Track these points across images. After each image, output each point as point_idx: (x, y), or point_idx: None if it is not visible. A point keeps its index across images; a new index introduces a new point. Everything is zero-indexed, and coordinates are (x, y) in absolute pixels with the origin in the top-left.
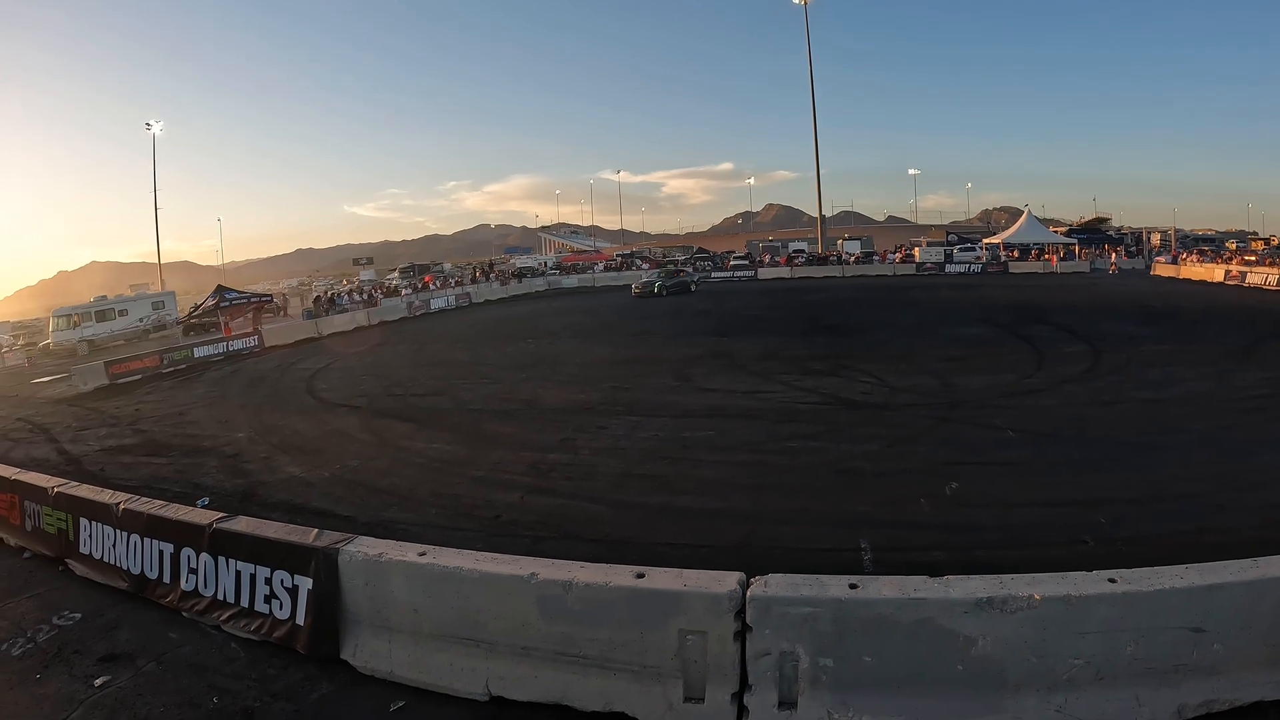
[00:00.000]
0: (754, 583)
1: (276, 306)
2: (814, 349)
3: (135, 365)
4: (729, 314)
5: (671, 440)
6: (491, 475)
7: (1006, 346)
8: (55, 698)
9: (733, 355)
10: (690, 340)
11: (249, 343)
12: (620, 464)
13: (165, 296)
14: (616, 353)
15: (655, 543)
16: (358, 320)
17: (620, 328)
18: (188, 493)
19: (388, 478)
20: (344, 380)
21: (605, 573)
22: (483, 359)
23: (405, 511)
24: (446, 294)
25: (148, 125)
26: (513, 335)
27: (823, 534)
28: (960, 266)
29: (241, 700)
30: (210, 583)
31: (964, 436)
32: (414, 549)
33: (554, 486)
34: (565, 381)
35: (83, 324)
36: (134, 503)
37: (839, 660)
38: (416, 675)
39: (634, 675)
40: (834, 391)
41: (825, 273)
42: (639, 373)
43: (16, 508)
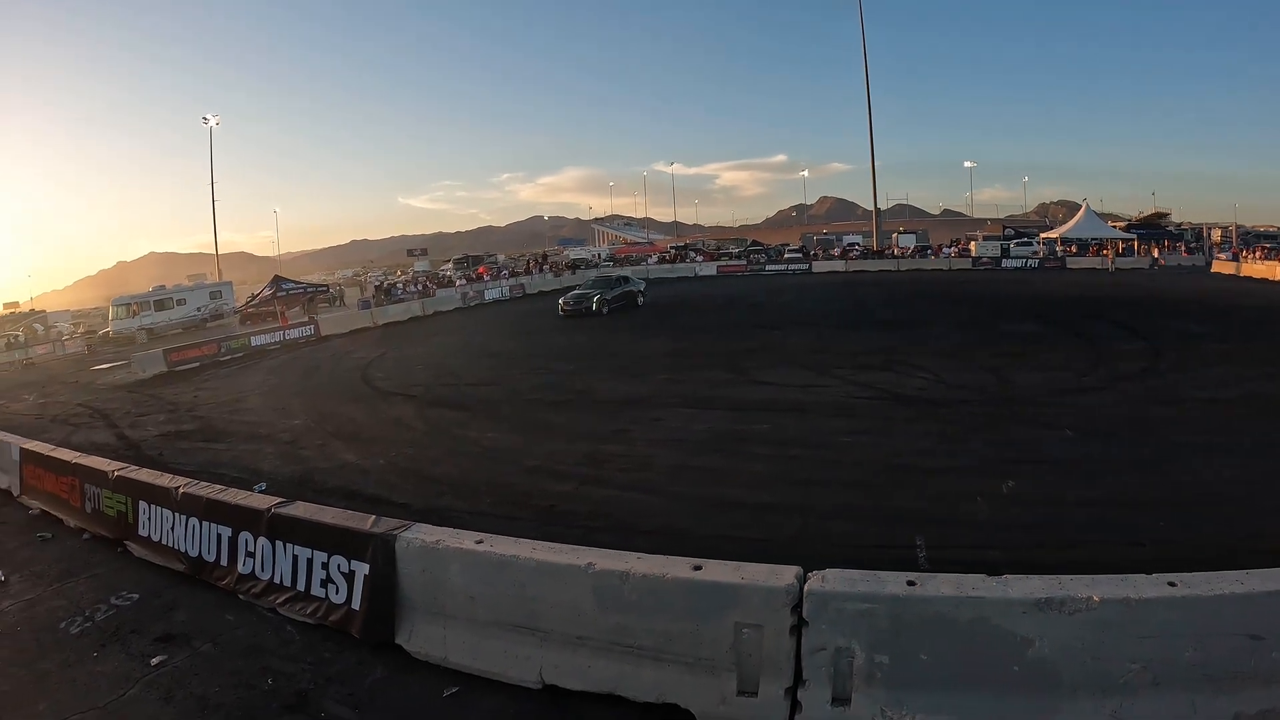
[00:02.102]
0: (811, 577)
1: (332, 296)
2: (868, 343)
3: (193, 353)
4: (783, 307)
5: (726, 433)
6: (545, 465)
7: (1063, 343)
8: (112, 675)
9: (787, 349)
10: (744, 333)
11: (305, 332)
12: (674, 456)
13: (223, 286)
14: (670, 344)
15: (709, 535)
16: (412, 310)
17: (673, 319)
18: (245, 478)
19: (442, 466)
20: (399, 369)
21: (663, 564)
22: (536, 350)
23: (459, 499)
24: (500, 285)
25: (205, 119)
26: (566, 326)
27: (877, 530)
28: (1017, 261)
29: (296, 683)
30: (267, 566)
31: (1020, 434)
32: (471, 536)
33: (608, 477)
34: (618, 372)
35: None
36: (193, 487)
37: (894, 657)
38: (470, 662)
39: (688, 667)
40: (888, 386)
41: (880, 267)
42: (693, 364)
43: (77, 490)
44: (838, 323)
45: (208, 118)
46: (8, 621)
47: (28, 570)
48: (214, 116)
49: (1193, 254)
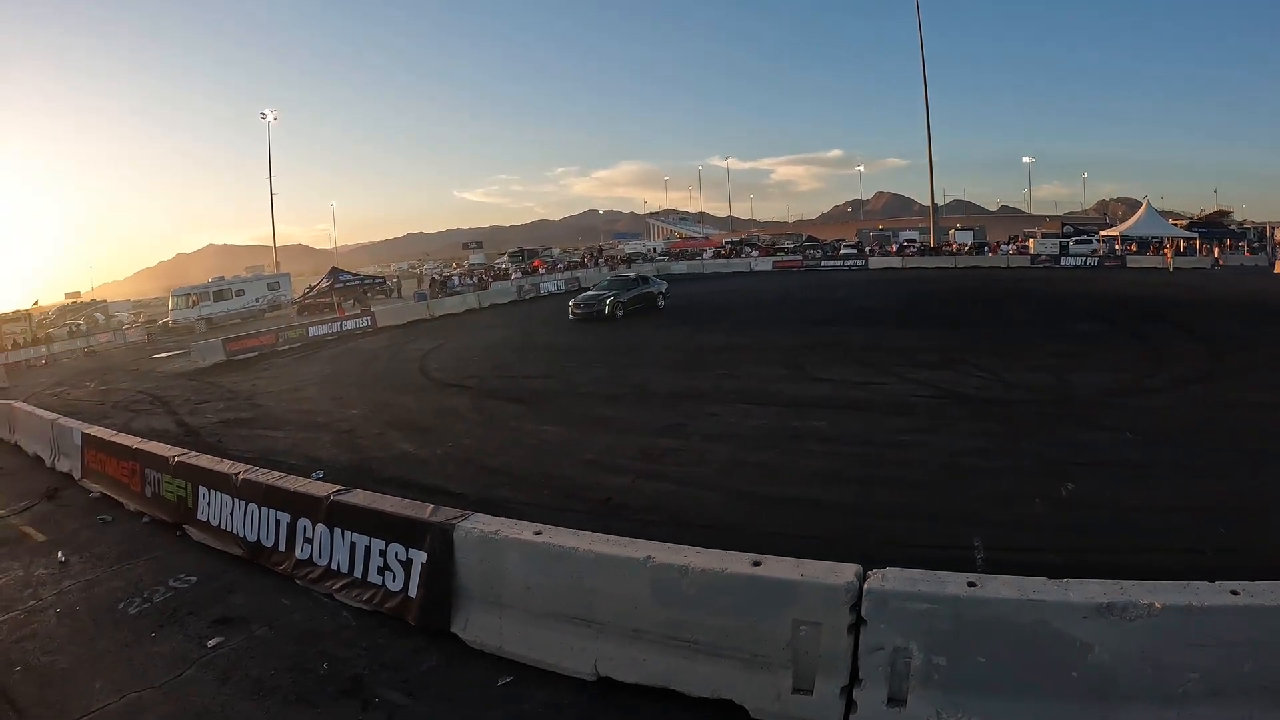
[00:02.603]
0: (871, 575)
1: (388, 289)
2: (926, 341)
3: (252, 343)
4: (839, 304)
5: (782, 429)
6: (601, 458)
7: (1123, 344)
8: (169, 656)
9: (844, 345)
10: (801, 328)
11: (362, 323)
12: (730, 451)
13: (280, 278)
14: (726, 339)
15: (764, 532)
16: (468, 303)
17: (729, 314)
18: (303, 465)
19: (498, 457)
20: (455, 361)
21: (721, 559)
22: (591, 343)
23: (516, 491)
24: (555, 278)
25: (262, 114)
26: (621, 321)
27: (934, 530)
28: (1076, 260)
29: (351, 668)
30: (325, 553)
31: (1079, 436)
32: (530, 527)
33: (664, 471)
34: (674, 367)
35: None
36: (252, 473)
37: (952, 659)
38: (525, 652)
39: (744, 664)
40: (946, 385)
41: (936, 263)
42: (749, 360)
43: (137, 475)
44: (895, 320)
45: (266, 113)
46: (68, 601)
47: (88, 552)
48: (272, 112)
49: (1255, 254)
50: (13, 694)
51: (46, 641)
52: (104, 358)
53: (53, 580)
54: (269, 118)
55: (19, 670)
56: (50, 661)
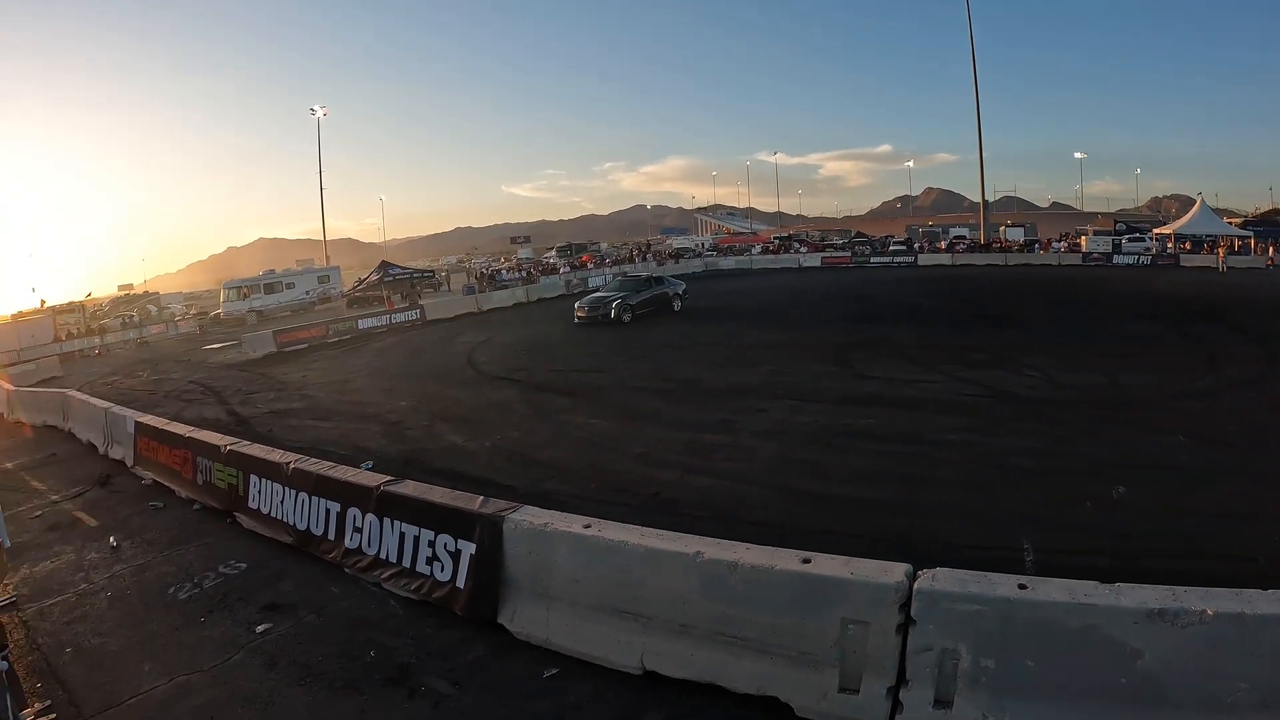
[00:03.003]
0: (921, 575)
1: (437, 282)
2: (976, 339)
3: (302, 335)
4: (888, 300)
5: (830, 426)
6: (650, 453)
7: (1176, 345)
8: (218, 640)
9: (893, 342)
10: (850, 325)
11: (411, 316)
12: (779, 448)
13: (330, 271)
14: (775, 335)
15: (811, 529)
16: (517, 296)
17: (779, 310)
18: (352, 456)
19: (547, 450)
20: (503, 354)
21: (771, 555)
22: (641, 337)
23: (564, 484)
24: (604, 273)
25: (312, 110)
26: (669, 316)
27: (983, 531)
28: (1128, 258)
29: (398, 656)
30: (374, 542)
31: (1131, 438)
32: (579, 520)
33: (712, 467)
34: (723, 363)
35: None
36: (303, 463)
37: (1000, 662)
38: (572, 644)
39: (791, 661)
40: (996, 384)
41: (987, 260)
42: (798, 356)
43: (189, 463)
44: (945, 317)
45: (315, 109)
46: (119, 585)
47: (139, 537)
48: (321, 108)
49: None
50: (63, 675)
51: (97, 624)
52: (156, 348)
53: (104, 564)
54: (318, 113)
55: (69, 651)
56: (101, 644)
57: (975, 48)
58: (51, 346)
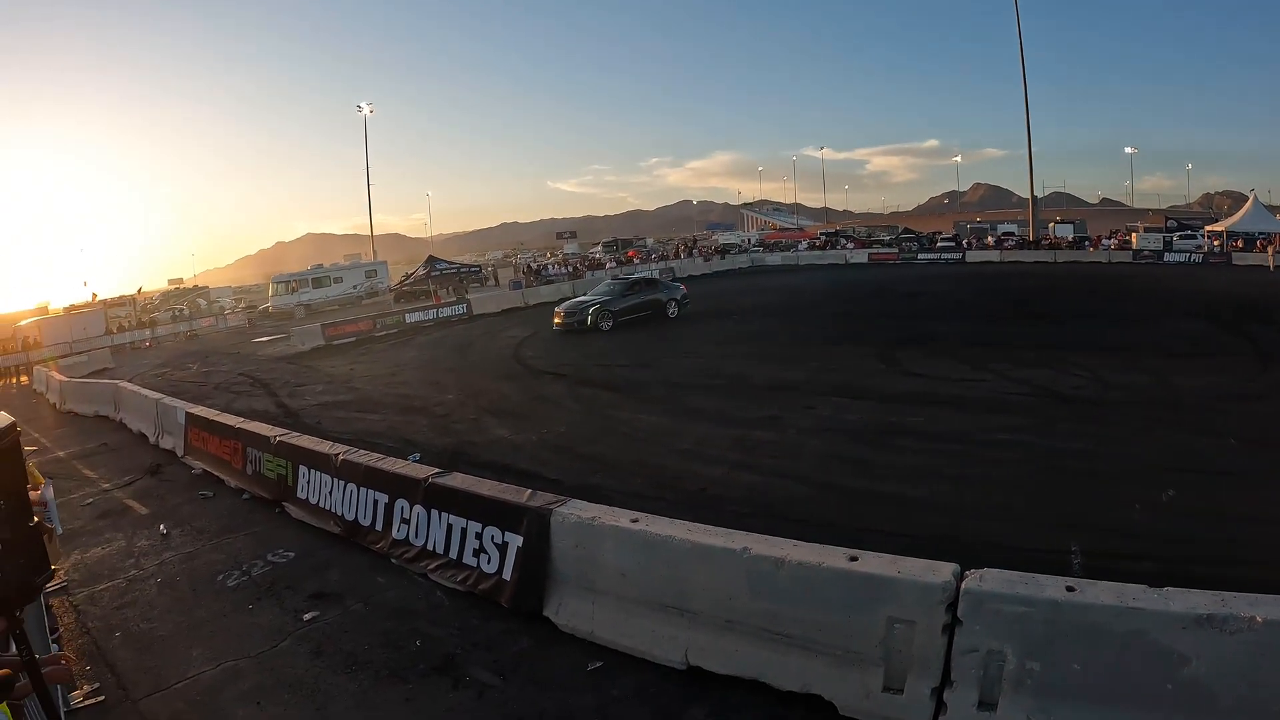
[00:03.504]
0: (969, 575)
1: (483, 277)
2: (1025, 337)
3: (350, 328)
4: (936, 297)
5: (877, 424)
6: (696, 449)
7: (1228, 345)
8: (266, 628)
9: (940, 340)
10: (898, 322)
11: (458, 310)
12: (825, 445)
13: (378, 265)
14: (822, 331)
15: (857, 527)
16: (563, 291)
17: (826, 307)
18: (399, 448)
19: (593, 445)
20: (550, 348)
21: (818, 553)
22: (686, 333)
23: (610, 478)
24: (650, 268)
25: (359, 108)
26: (717, 311)
27: (1029, 532)
28: (1179, 255)
29: (443, 646)
30: (421, 533)
31: (1182, 440)
32: (627, 515)
33: (759, 463)
34: (770, 359)
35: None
36: (352, 454)
37: (1046, 665)
38: (617, 638)
39: (835, 659)
40: (1044, 384)
41: (1036, 257)
42: (845, 353)
43: (239, 454)
44: (993, 315)
45: (362, 106)
46: (168, 572)
47: (189, 525)
48: (368, 105)
49: None
50: (112, 658)
51: (146, 609)
52: (206, 341)
53: (154, 551)
54: (365, 110)
55: (119, 635)
56: (150, 629)
57: (1023, 41)
58: (103, 339)
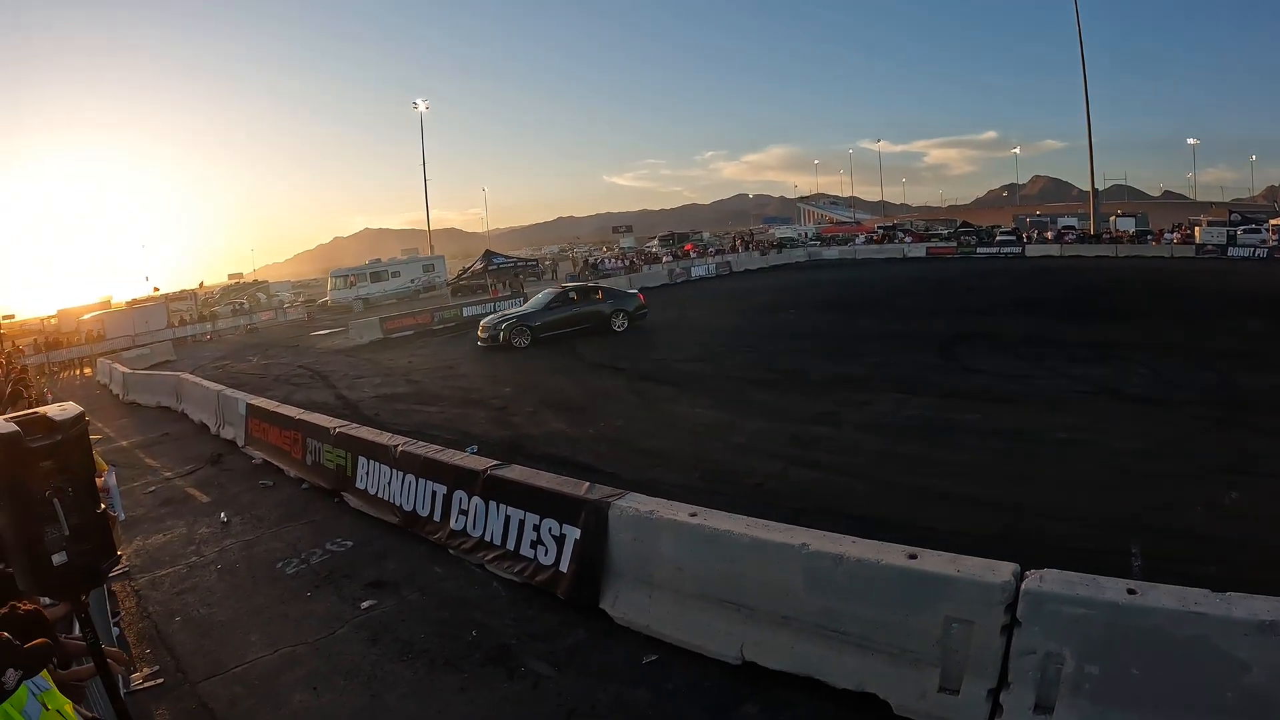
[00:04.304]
0: (1029, 575)
1: (540, 271)
2: (1085, 334)
3: (408, 322)
4: (995, 292)
5: (935, 421)
6: (753, 443)
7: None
8: (323, 615)
9: (999, 336)
10: (956, 318)
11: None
12: (883, 441)
13: (435, 260)
14: (880, 326)
15: (914, 525)
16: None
17: (883, 301)
18: (457, 440)
19: (650, 439)
20: (606, 343)
21: (877, 550)
22: (744, 328)
23: (667, 472)
24: (707, 262)
25: (414, 104)
26: (774, 305)
27: (1088, 532)
28: (1243, 250)
29: (499, 637)
30: (479, 524)
31: (1246, 442)
32: (685, 509)
33: (816, 459)
34: (827, 353)
35: (358, 284)
36: (410, 445)
37: (1105, 669)
38: (672, 632)
39: (891, 658)
40: (1105, 381)
41: (1096, 252)
42: (903, 348)
43: (299, 444)
44: (1053, 310)
45: (417, 103)
46: (228, 559)
47: (249, 514)
48: (423, 102)
49: None
50: (171, 642)
51: (206, 595)
52: (265, 334)
53: (214, 539)
54: (420, 107)
55: (178, 620)
56: (209, 614)
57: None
58: (165, 332)
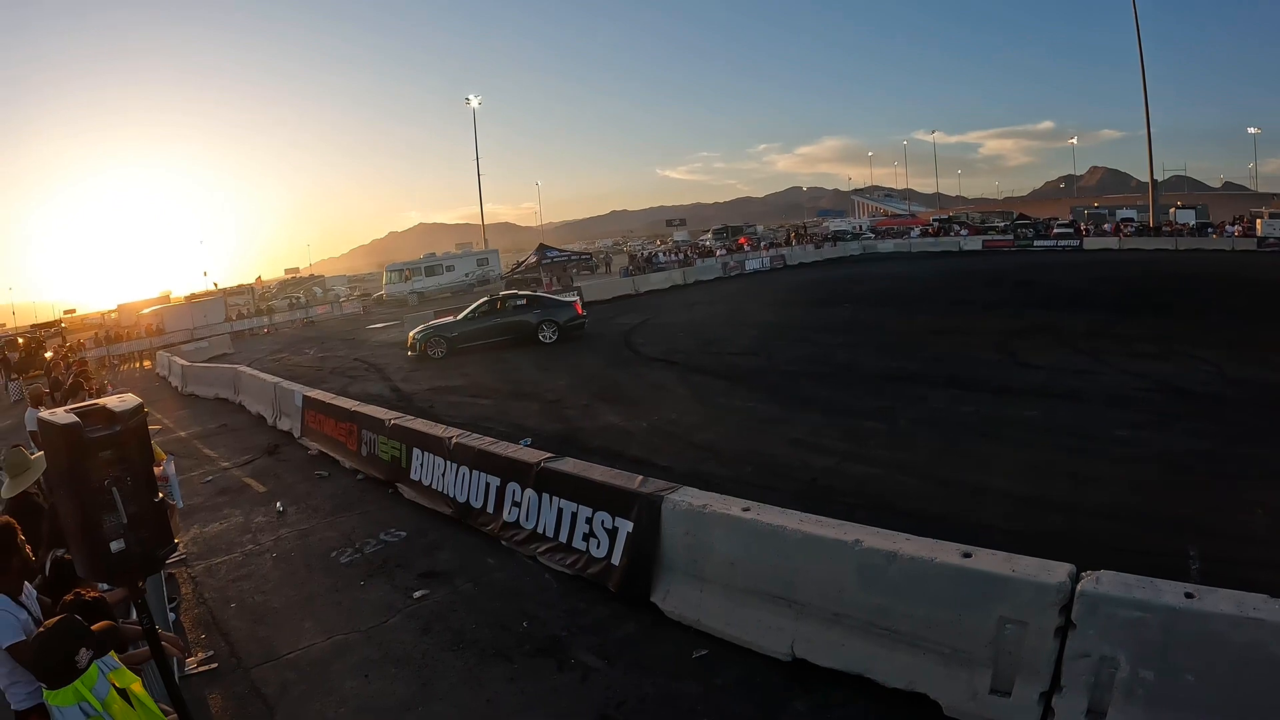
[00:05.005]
0: (1085, 576)
1: (594, 264)
2: (1144, 329)
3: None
4: (1053, 286)
5: (991, 417)
6: (807, 438)
7: None
8: (376, 604)
9: (1057, 330)
10: (1012, 312)
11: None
12: (938, 437)
13: (489, 254)
14: (935, 321)
15: (968, 522)
16: (673, 279)
17: (939, 295)
18: (510, 432)
19: (703, 432)
20: (661, 336)
21: (931, 547)
22: (798, 321)
23: (720, 466)
24: (761, 256)
25: (467, 100)
26: (828, 299)
27: (1145, 534)
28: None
29: (550, 628)
30: (532, 516)
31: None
32: (738, 503)
33: (870, 454)
34: (882, 348)
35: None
36: (465, 437)
37: (1160, 674)
38: (722, 627)
39: (943, 658)
40: (1166, 378)
41: (1155, 245)
42: (959, 343)
43: (354, 435)
44: (1112, 305)
45: (470, 99)
46: (283, 547)
47: (305, 504)
48: (476, 98)
49: None
50: (226, 628)
51: (261, 582)
52: (322, 328)
53: (270, 528)
54: (473, 103)
55: (233, 606)
56: (263, 601)
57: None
58: (223, 326)
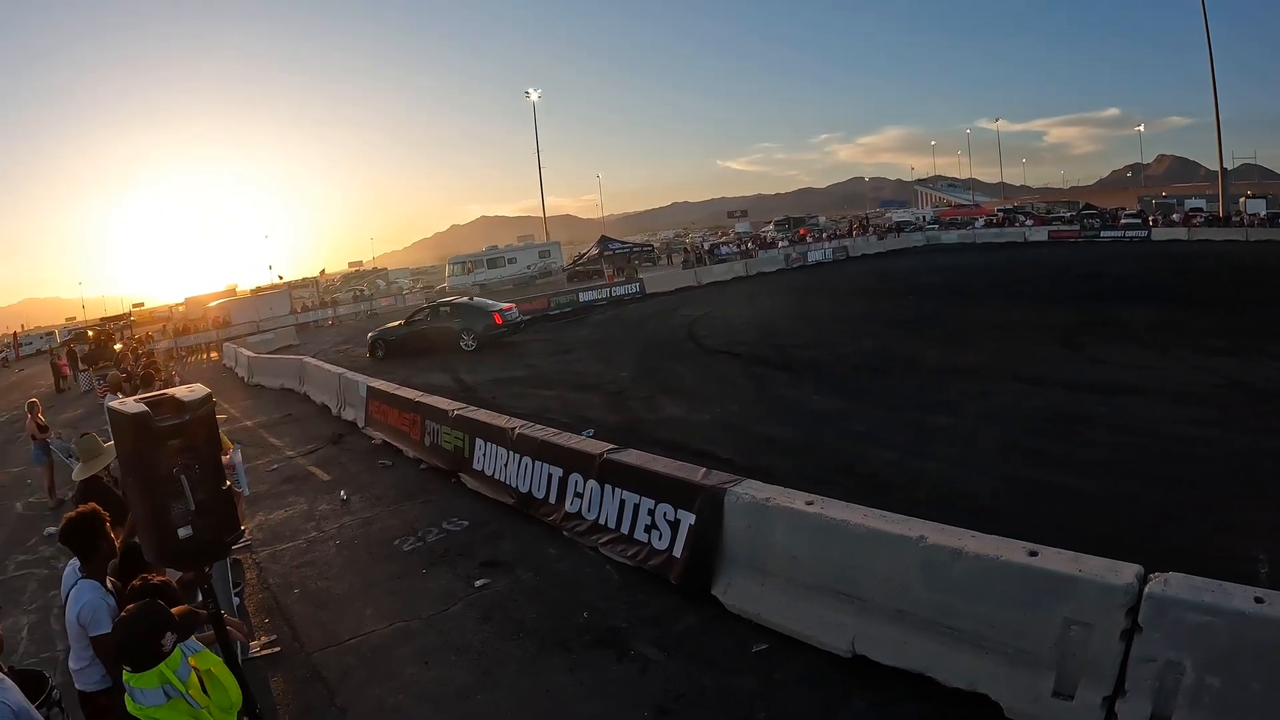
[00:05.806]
0: (1153, 578)
1: (655, 256)
2: (1214, 323)
3: (525, 307)
4: (1120, 278)
5: (1057, 413)
6: (870, 432)
7: None
8: (437, 591)
9: (1125, 325)
10: (1079, 306)
11: (630, 289)
12: (1002, 433)
13: (551, 246)
14: (1000, 314)
15: (1030, 521)
16: (735, 271)
17: (1004, 287)
18: (572, 424)
19: (766, 425)
20: (723, 327)
21: (996, 545)
22: (861, 314)
23: (782, 459)
24: (823, 247)
25: (526, 94)
26: (891, 291)
27: (1212, 535)
28: None
29: (609, 620)
30: (594, 507)
31: None
32: (801, 497)
33: (934, 450)
34: (946, 341)
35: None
36: (527, 428)
37: (1226, 681)
38: (783, 621)
39: (1006, 658)
40: (1236, 374)
41: (1225, 235)
42: (1024, 337)
43: (418, 426)
44: (1181, 298)
45: (530, 92)
46: (346, 535)
47: (368, 492)
48: (535, 91)
49: None
50: (289, 612)
51: (324, 569)
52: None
53: (334, 515)
54: (533, 96)
55: (297, 592)
56: (326, 587)
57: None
58: (288, 318)
